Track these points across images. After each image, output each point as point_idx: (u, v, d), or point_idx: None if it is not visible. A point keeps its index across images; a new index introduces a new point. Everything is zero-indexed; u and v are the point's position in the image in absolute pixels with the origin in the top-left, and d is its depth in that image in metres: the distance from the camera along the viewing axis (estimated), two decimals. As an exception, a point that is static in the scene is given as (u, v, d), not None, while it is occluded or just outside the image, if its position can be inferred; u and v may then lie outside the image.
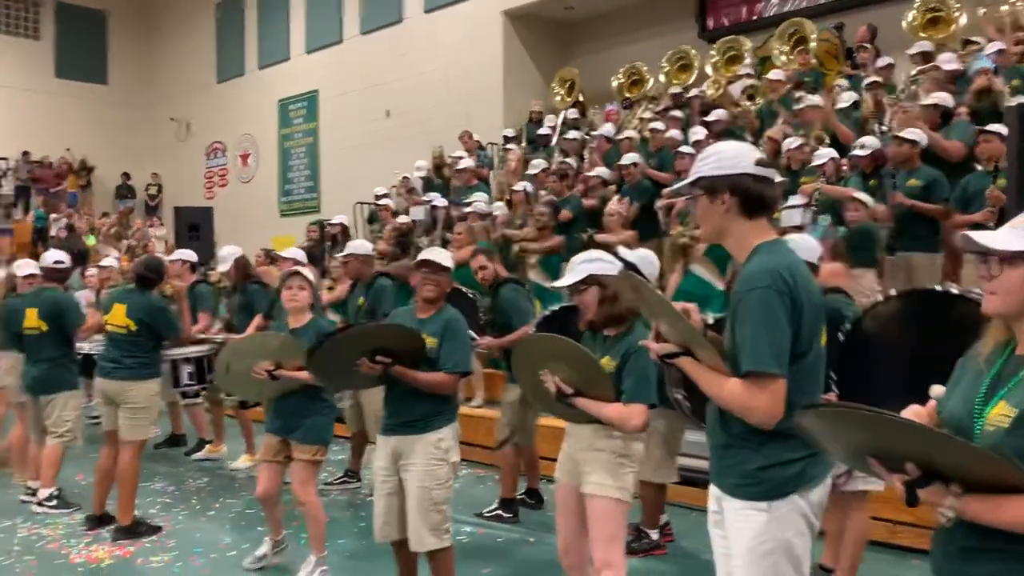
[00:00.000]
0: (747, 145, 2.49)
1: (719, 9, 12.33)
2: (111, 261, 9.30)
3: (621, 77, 11.99)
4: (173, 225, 17.05)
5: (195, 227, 12.75)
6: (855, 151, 6.87)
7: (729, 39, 11.25)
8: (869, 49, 9.28)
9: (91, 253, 13.30)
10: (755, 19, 11.86)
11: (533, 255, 7.61)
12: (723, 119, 8.86)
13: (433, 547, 3.65)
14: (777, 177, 2.32)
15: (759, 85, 9.77)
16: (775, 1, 11.57)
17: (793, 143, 7.41)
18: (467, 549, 4.85)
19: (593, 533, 3.19)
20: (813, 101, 7.86)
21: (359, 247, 6.24)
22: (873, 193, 6.43)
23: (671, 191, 3.27)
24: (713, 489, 2.32)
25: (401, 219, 10.02)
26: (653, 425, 3.73)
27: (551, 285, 4.22)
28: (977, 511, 1.60)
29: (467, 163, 10.89)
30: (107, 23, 20.28)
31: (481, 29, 13.74)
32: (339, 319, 6.58)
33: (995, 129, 5.97)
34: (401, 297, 5.82)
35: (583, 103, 12.52)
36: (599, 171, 8.95)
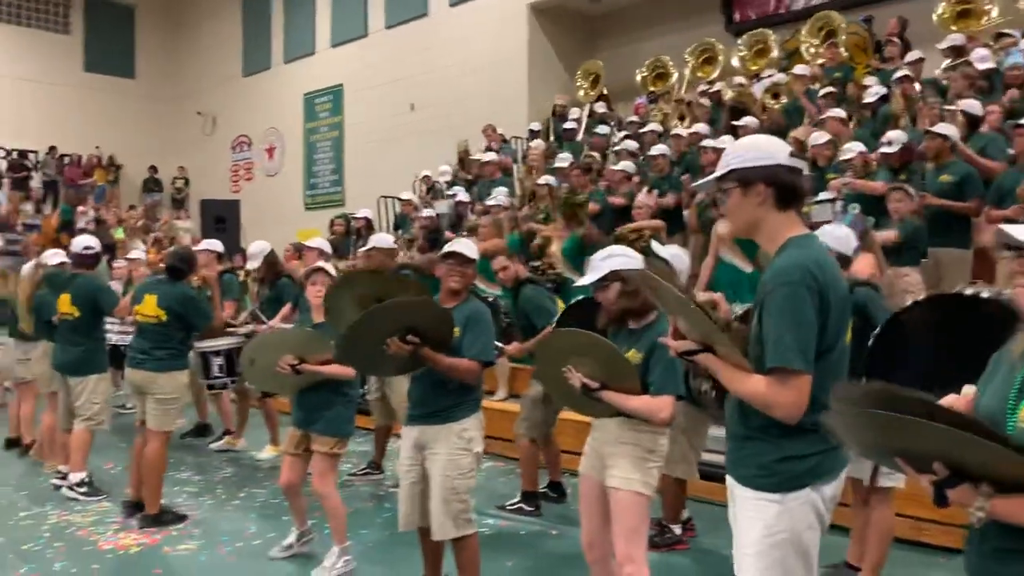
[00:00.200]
0: (778, 139, 2.47)
1: (746, 2, 12.24)
2: (138, 253, 9.38)
3: (645, 71, 11.94)
4: (199, 218, 17.28)
5: (221, 220, 12.89)
6: (883, 147, 6.80)
7: (755, 33, 11.16)
8: (897, 42, 9.17)
9: (119, 246, 13.45)
10: (783, 12, 11.77)
11: (556, 245, 7.58)
12: (751, 126, 8.75)
13: (454, 535, 3.67)
14: (806, 169, 2.31)
15: (782, 83, 9.65)
16: (803, -7, 11.50)
17: (819, 139, 7.35)
18: (490, 542, 4.85)
19: (615, 527, 3.19)
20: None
21: (382, 240, 6.28)
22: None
23: (699, 185, 3.24)
24: (727, 479, 2.32)
25: (425, 213, 10.05)
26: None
27: (576, 283, 4.21)
28: (1007, 511, 1.57)
29: (491, 157, 10.89)
30: (135, 17, 20.51)
31: (506, 22, 13.74)
32: None
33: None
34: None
35: (607, 97, 12.47)
36: (623, 165, 8.91)
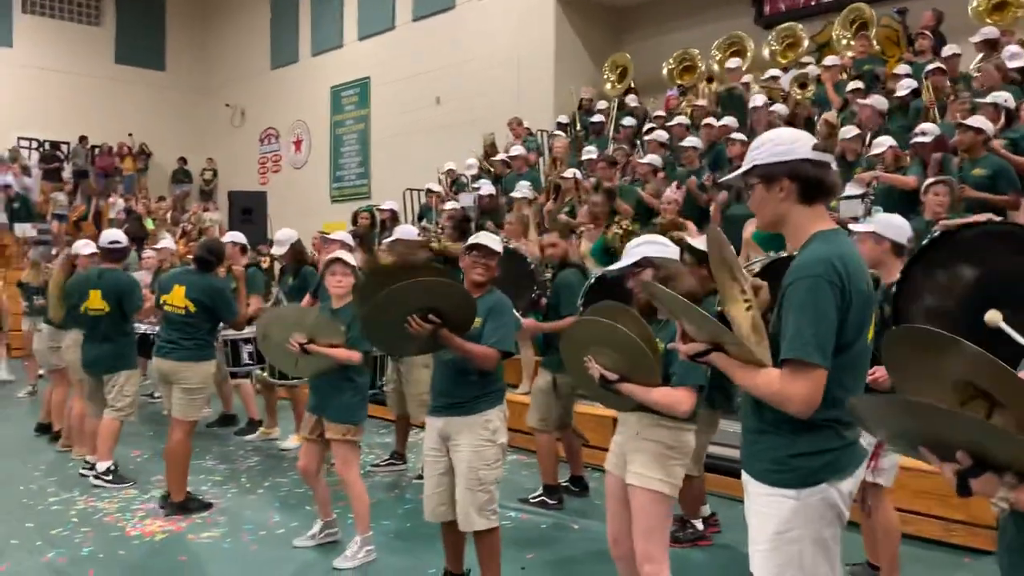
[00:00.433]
0: (802, 131, 2.43)
1: (776, -6, 12.08)
2: (167, 243, 9.48)
3: (672, 63, 11.84)
4: (227, 209, 17.38)
5: (248, 211, 12.91)
6: (917, 137, 6.70)
7: (785, 27, 11.02)
8: (929, 36, 9.02)
9: (149, 237, 13.61)
10: (813, 4, 11.59)
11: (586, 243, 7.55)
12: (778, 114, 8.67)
13: (480, 527, 3.65)
14: (834, 163, 2.27)
15: (810, 74, 9.52)
16: (834, -15, 11.30)
17: (849, 132, 7.25)
18: (511, 534, 4.84)
19: (634, 525, 3.12)
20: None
21: (406, 232, 6.29)
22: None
23: (724, 181, 3.21)
24: (743, 475, 2.29)
25: (449, 205, 10.05)
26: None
27: (606, 269, 4.18)
28: None
29: (519, 150, 10.86)
30: (165, 10, 20.70)
31: (532, 15, 13.68)
32: None
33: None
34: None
35: (635, 89, 12.39)
36: (650, 159, 8.85)
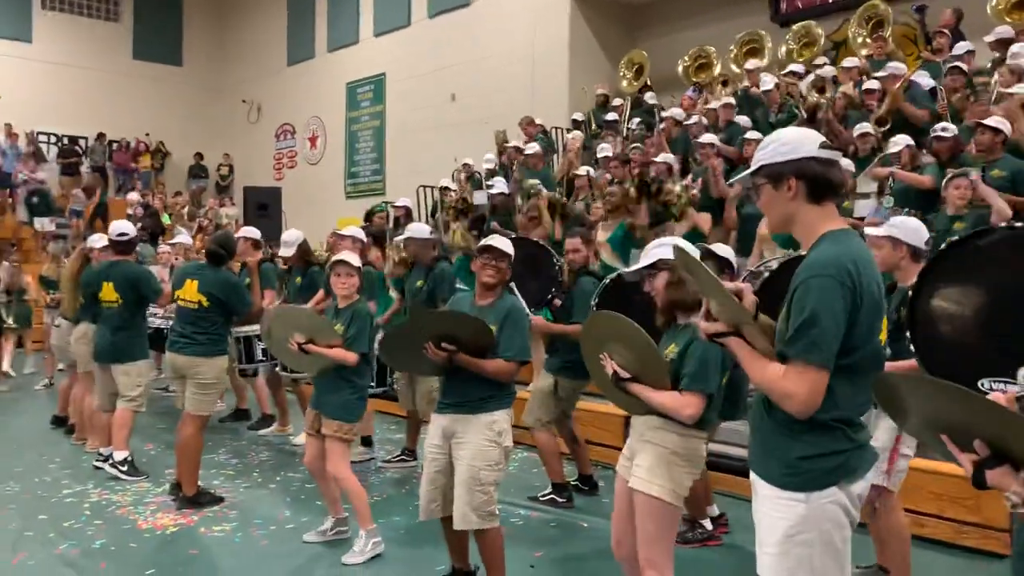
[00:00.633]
0: (809, 130, 2.41)
1: (793, -9, 11.99)
2: (183, 238, 9.53)
3: (687, 60, 11.78)
4: (243, 205, 17.45)
5: (264, 207, 12.94)
6: (937, 132, 6.59)
7: (801, 25, 10.93)
8: (947, 34, 8.92)
9: (167, 232, 13.68)
10: (830, 1, 11.50)
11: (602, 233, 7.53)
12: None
13: (475, 527, 3.62)
14: (843, 160, 2.25)
15: (827, 76, 9.43)
16: (852, -17, 11.20)
17: (861, 129, 7.19)
18: (519, 532, 4.86)
19: (637, 530, 3.05)
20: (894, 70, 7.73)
21: (418, 230, 6.28)
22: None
23: (733, 181, 3.19)
24: (751, 475, 2.27)
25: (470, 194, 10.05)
26: None
27: (623, 271, 4.16)
28: None
29: (534, 148, 10.84)
30: (183, 6, 20.79)
31: (548, 12, 13.66)
32: (396, 296, 6.67)
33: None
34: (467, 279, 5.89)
35: (651, 87, 12.34)
36: (665, 157, 8.80)
